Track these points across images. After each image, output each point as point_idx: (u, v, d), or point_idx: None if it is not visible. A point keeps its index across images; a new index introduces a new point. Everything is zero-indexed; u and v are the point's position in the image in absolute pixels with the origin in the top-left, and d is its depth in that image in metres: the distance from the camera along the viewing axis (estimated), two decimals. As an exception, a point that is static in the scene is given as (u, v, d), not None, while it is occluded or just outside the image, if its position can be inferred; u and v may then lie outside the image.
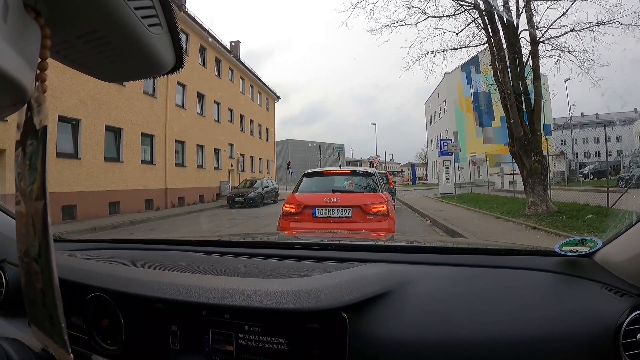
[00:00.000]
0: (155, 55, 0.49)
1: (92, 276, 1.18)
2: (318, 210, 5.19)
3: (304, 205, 5.27)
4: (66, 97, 11.66)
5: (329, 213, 5.14)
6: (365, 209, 5.07)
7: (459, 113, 41.25)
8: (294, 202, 5.37)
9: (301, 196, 5.48)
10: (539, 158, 9.26)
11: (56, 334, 0.47)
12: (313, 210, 5.20)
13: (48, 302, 0.45)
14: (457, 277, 1.11)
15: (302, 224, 5.13)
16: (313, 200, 5.33)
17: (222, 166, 23.94)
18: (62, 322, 0.45)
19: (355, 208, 5.10)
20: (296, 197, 5.46)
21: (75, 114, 12.35)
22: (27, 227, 0.45)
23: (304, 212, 5.22)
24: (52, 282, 0.44)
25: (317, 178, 5.94)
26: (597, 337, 0.86)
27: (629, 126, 24.64)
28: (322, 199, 5.27)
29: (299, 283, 1.02)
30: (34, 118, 0.43)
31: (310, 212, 5.20)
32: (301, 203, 5.32)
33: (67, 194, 11.63)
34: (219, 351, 1.00)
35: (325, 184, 5.74)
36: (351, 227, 4.99)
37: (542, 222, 7.83)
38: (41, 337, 0.49)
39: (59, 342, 0.47)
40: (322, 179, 5.92)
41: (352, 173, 5.88)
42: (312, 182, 5.83)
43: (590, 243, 1.05)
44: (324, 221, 5.11)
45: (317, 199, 5.32)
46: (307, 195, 5.49)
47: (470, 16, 10.35)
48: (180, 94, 19.38)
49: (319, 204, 5.22)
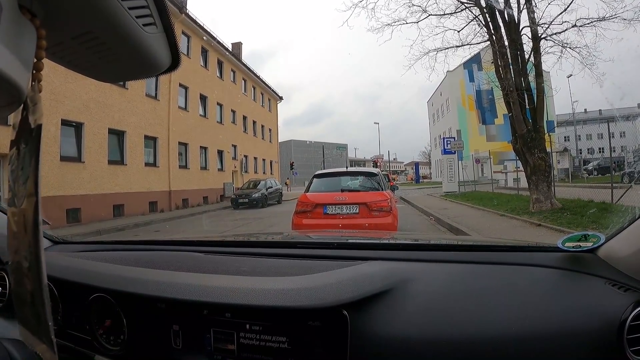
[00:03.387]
0: (151, 54, 0.49)
1: (95, 277, 1.19)
2: (328, 207, 5.67)
3: (315, 204, 5.74)
4: (69, 100, 11.71)
5: (338, 210, 5.63)
6: (370, 205, 5.52)
7: (461, 111, 41.05)
8: (306, 201, 5.83)
9: (312, 195, 5.97)
10: (542, 155, 9.21)
11: (43, 334, 0.46)
12: (324, 208, 5.68)
13: (36, 301, 0.45)
14: (459, 274, 1.11)
15: (314, 220, 5.60)
16: (323, 199, 5.79)
17: (226, 167, 23.98)
18: (49, 321, 0.45)
19: (361, 205, 5.56)
20: (308, 197, 5.93)
21: (79, 117, 12.40)
22: (18, 225, 0.45)
23: (316, 210, 5.70)
24: (41, 281, 0.44)
25: (327, 179, 6.46)
26: (601, 333, 0.85)
27: (633, 122, 24.53)
28: (331, 197, 5.74)
29: (300, 281, 1.02)
30: (30, 117, 0.43)
31: (322, 210, 5.68)
32: (313, 202, 5.78)
33: (71, 197, 11.69)
34: (221, 350, 1.00)
35: (334, 183, 6.26)
36: (358, 222, 5.41)
37: (547, 219, 7.78)
38: (28, 337, 0.49)
39: (45, 342, 0.46)
40: (330, 179, 6.44)
41: (358, 174, 6.53)
42: (322, 183, 6.33)
43: (594, 238, 1.04)
44: (334, 218, 5.56)
45: (327, 197, 5.79)
46: (318, 195, 5.97)
47: (472, 14, 10.32)
48: (183, 96, 19.42)
49: (329, 202, 5.70)
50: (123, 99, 14.69)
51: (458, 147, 21.77)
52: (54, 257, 1.45)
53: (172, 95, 18.01)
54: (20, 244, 0.45)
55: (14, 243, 0.46)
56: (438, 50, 10.90)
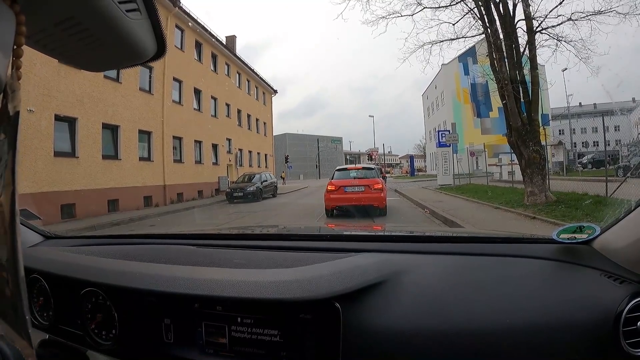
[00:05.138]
0: (135, 41, 0.48)
1: (85, 271, 1.17)
2: (347, 188, 9.92)
3: (339, 186, 9.99)
4: (62, 95, 11.59)
5: (352, 189, 9.89)
6: (370, 186, 9.84)
7: (456, 104, 41.09)
8: (333, 184, 10.08)
9: (336, 181, 10.22)
10: (537, 148, 9.24)
11: (20, 326, 0.46)
12: (344, 188, 9.92)
13: (13, 293, 0.44)
14: (453, 265, 1.10)
15: (339, 195, 9.89)
16: (343, 183, 10.10)
17: (220, 161, 23.89)
18: (26, 314, 0.45)
19: (365, 186, 9.88)
20: (334, 182, 10.18)
21: (72, 112, 12.26)
22: None
23: (340, 189, 9.93)
24: (18, 272, 0.43)
25: (344, 171, 11.00)
26: (597, 325, 0.84)
27: (627, 115, 24.62)
28: (348, 182, 10.11)
29: (292, 273, 1.01)
30: (8, 105, 0.42)
31: (343, 189, 9.91)
32: (337, 185, 10.07)
33: (65, 192, 11.61)
34: (212, 344, 0.99)
35: (348, 174, 10.73)
36: (364, 196, 9.69)
37: (541, 212, 7.82)
38: (8, 332, 0.48)
39: (23, 335, 0.46)
40: (346, 172, 10.95)
41: (363, 168, 11.32)
42: (341, 174, 10.81)
43: (589, 230, 1.04)
44: (350, 193, 9.82)
45: (345, 182, 10.13)
46: (339, 181, 10.25)
47: (467, 6, 10.30)
48: (177, 90, 19.26)
49: (347, 185, 10.02)
50: (117, 93, 14.55)
51: (453, 140, 21.79)
52: (45, 252, 1.44)
53: (166, 89, 17.84)
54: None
55: None
56: (433, 43, 10.94)
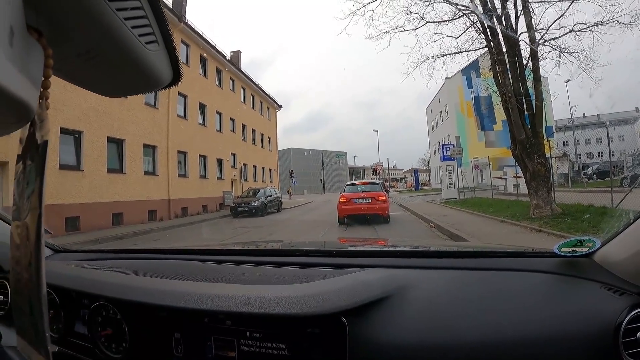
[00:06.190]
0: (153, 71, 0.51)
1: (97, 285, 1.19)
2: (356, 200, 11.66)
3: (349, 198, 11.77)
4: (68, 109, 11.74)
5: (360, 200, 11.61)
6: (376, 198, 11.54)
7: (460, 117, 41.12)
8: (345, 197, 11.84)
9: (347, 194, 11.98)
10: (541, 160, 9.20)
11: (40, 344, 0.47)
12: (354, 200, 11.66)
13: (35, 312, 0.45)
14: (456, 280, 1.12)
15: (350, 205, 11.58)
16: (353, 195, 11.90)
17: (225, 176, 23.97)
18: (46, 332, 0.46)
19: (371, 198, 11.53)
20: (345, 195, 11.94)
21: (78, 125, 12.41)
22: (21, 237, 0.46)
23: (350, 201, 11.69)
24: (40, 291, 0.44)
25: (353, 186, 12.85)
26: (597, 337, 0.86)
27: (631, 125, 24.53)
28: (357, 195, 11.88)
29: (299, 289, 1.03)
30: (37, 133, 0.44)
31: (353, 201, 11.66)
32: (348, 197, 11.84)
33: (70, 205, 11.66)
34: (222, 357, 1.00)
35: (356, 188, 12.54)
36: (371, 206, 11.36)
37: (547, 225, 7.77)
38: (25, 348, 0.49)
39: (42, 353, 0.47)
40: (355, 186, 12.77)
41: (369, 183, 13.06)
42: (351, 188, 12.67)
43: (589, 243, 1.05)
44: (359, 204, 11.48)
45: (354, 195, 11.91)
46: (350, 194, 12.03)
47: (469, 20, 10.38)
48: (182, 105, 19.46)
49: (356, 197, 11.80)
50: (122, 107, 14.71)
51: (457, 154, 21.80)
52: (56, 265, 1.46)
53: (171, 103, 18.05)
54: (22, 256, 0.46)
55: (16, 254, 0.47)
56: (436, 57, 10.94)
